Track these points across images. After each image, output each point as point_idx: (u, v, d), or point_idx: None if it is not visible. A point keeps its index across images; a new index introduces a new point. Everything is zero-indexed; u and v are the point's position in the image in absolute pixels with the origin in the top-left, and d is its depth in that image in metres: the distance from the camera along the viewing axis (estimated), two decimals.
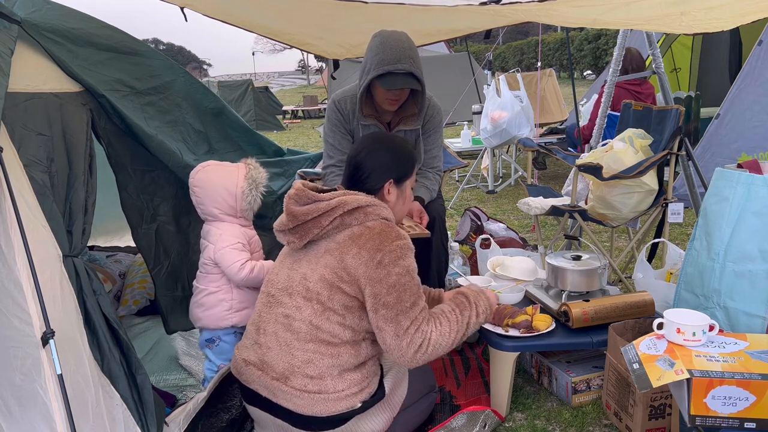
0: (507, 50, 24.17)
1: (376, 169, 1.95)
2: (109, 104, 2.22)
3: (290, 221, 1.87)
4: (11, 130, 1.75)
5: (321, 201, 1.84)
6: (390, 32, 2.58)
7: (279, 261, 2.00)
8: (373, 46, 2.57)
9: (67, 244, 1.75)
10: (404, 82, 2.51)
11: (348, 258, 1.78)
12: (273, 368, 1.84)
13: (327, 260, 1.81)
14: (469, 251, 3.24)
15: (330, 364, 1.81)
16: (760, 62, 4.64)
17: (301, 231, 1.86)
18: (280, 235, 1.92)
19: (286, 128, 13.61)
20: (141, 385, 1.75)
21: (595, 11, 2.30)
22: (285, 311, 1.85)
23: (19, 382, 1.52)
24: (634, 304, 2.25)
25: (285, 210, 1.89)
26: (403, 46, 2.52)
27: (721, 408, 1.58)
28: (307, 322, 1.81)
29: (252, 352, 1.91)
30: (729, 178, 2.10)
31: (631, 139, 2.95)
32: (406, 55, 2.50)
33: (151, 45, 3.23)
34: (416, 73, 2.51)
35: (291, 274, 1.89)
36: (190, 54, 65.89)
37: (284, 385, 1.81)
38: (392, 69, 2.47)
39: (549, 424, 2.18)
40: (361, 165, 1.96)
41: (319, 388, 1.80)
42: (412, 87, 2.56)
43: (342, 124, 2.75)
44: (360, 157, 1.97)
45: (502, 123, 5.37)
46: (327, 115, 2.81)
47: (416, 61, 2.53)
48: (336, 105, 2.74)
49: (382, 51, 2.51)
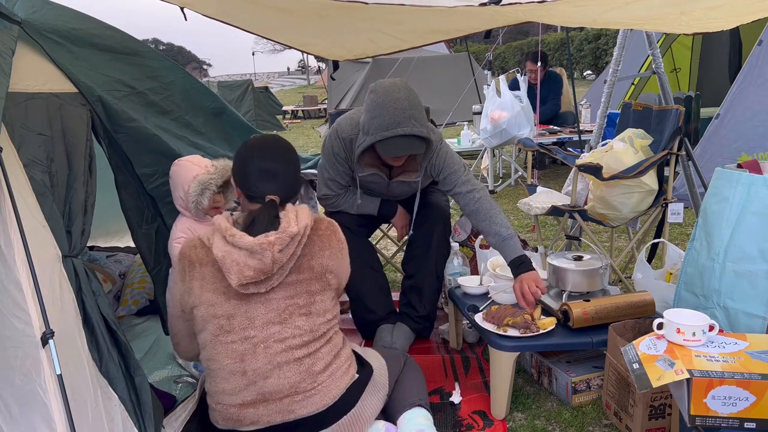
0: (507, 50, 24.15)
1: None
2: (108, 104, 2.22)
3: (262, 273, 1.74)
4: (11, 130, 1.75)
5: (292, 233, 1.78)
6: (387, 88, 2.43)
7: (223, 300, 1.80)
8: (370, 105, 2.43)
9: (66, 244, 1.75)
10: (406, 147, 2.41)
11: (324, 260, 1.87)
12: (280, 390, 1.79)
13: (307, 274, 1.84)
14: (470, 253, 3.24)
15: (328, 351, 1.86)
16: (760, 62, 4.63)
17: (277, 274, 1.78)
18: (242, 289, 1.76)
19: (286, 128, 13.61)
20: (139, 386, 1.75)
21: (595, 11, 2.30)
22: (279, 337, 1.80)
23: (19, 383, 1.52)
24: (635, 304, 2.25)
25: (251, 266, 1.74)
26: (403, 106, 2.37)
27: (721, 408, 1.58)
28: (307, 331, 1.82)
29: (247, 393, 1.79)
30: (729, 178, 2.10)
31: (631, 139, 2.95)
32: (407, 115, 2.36)
33: (151, 45, 3.23)
34: (419, 132, 2.39)
35: (270, 306, 1.80)
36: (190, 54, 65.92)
37: (297, 394, 1.79)
38: (391, 134, 2.36)
39: (549, 424, 2.18)
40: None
41: (329, 372, 1.83)
42: (416, 152, 2.45)
43: (345, 159, 2.65)
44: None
45: (502, 123, 5.36)
46: (330, 144, 2.66)
47: (418, 118, 2.39)
48: (341, 140, 2.62)
49: (380, 114, 2.38)
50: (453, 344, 2.79)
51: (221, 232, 1.79)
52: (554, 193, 3.40)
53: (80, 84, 2.14)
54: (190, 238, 1.93)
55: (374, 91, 2.45)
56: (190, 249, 1.87)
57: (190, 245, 1.88)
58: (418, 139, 2.42)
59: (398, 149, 2.41)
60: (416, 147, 2.43)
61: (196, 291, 1.82)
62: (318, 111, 15.80)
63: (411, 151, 2.45)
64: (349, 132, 2.61)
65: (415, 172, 2.64)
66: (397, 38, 3.26)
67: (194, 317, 1.85)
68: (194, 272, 1.83)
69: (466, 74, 9.31)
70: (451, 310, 2.76)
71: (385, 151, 2.43)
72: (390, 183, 2.71)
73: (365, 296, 2.76)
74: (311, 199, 3.34)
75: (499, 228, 2.47)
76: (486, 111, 5.54)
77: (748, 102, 4.61)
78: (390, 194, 2.79)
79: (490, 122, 5.45)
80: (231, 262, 1.74)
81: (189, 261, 1.85)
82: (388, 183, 2.71)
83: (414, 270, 2.79)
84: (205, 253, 1.83)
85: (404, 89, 2.43)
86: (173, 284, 1.92)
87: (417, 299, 2.76)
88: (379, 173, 2.65)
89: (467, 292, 2.61)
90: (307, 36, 3.38)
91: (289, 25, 3.14)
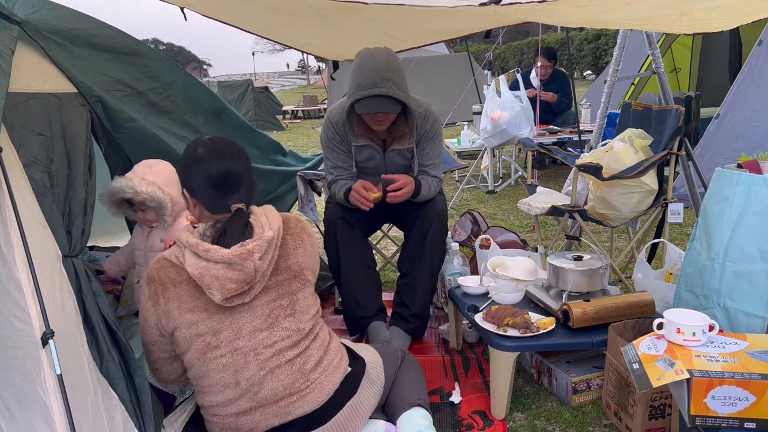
0: (507, 50, 24.16)
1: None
2: (108, 104, 2.22)
3: (245, 283, 1.70)
4: (11, 130, 1.75)
5: (269, 238, 1.75)
6: (370, 52, 2.54)
7: (206, 317, 1.75)
8: (353, 68, 2.54)
9: (66, 244, 1.74)
10: (378, 105, 2.48)
11: (299, 258, 1.85)
12: (275, 394, 1.77)
13: (286, 275, 1.81)
14: (470, 253, 3.24)
15: (317, 346, 1.85)
16: (760, 62, 4.63)
17: (260, 281, 1.74)
18: (226, 302, 1.71)
19: (286, 128, 13.61)
20: (139, 386, 1.74)
21: (595, 11, 2.30)
22: (268, 342, 1.77)
23: (19, 383, 1.52)
24: (635, 304, 2.25)
25: (234, 279, 1.69)
26: (380, 68, 2.47)
27: (721, 408, 1.58)
28: (295, 331, 1.81)
29: (242, 402, 1.76)
30: (729, 178, 2.10)
31: (631, 139, 2.94)
32: (383, 77, 2.45)
33: (151, 45, 3.23)
34: (394, 94, 2.46)
35: (255, 313, 1.76)
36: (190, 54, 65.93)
37: (292, 395, 1.78)
38: (368, 93, 2.45)
39: (549, 424, 2.18)
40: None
41: (321, 369, 1.82)
42: (388, 110, 2.52)
43: (341, 143, 2.74)
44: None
45: (502, 123, 5.36)
46: (324, 133, 2.78)
47: (396, 82, 2.48)
48: (332, 124, 2.72)
49: (359, 75, 2.48)
50: (453, 344, 2.79)
51: (191, 248, 1.70)
52: (554, 193, 3.40)
53: (80, 84, 2.14)
54: (154, 261, 1.81)
55: (358, 54, 2.56)
56: (158, 271, 1.77)
57: (157, 267, 1.78)
58: (393, 101, 2.49)
59: (371, 107, 2.49)
60: (389, 106, 2.50)
61: (174, 313, 1.74)
62: (318, 111, 15.80)
63: (383, 110, 2.51)
64: (339, 116, 2.70)
65: (406, 137, 2.67)
66: (397, 38, 3.26)
67: (176, 339, 1.78)
68: (168, 294, 1.75)
69: (466, 74, 9.31)
70: (451, 310, 2.76)
71: (359, 109, 2.51)
72: (386, 155, 2.75)
73: (357, 293, 2.77)
74: (310, 201, 3.34)
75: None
76: (486, 111, 5.54)
77: (748, 102, 4.61)
78: (388, 170, 2.81)
79: (490, 122, 5.45)
80: (210, 277, 1.67)
81: (160, 283, 1.76)
82: (384, 155, 2.75)
83: (408, 269, 2.79)
84: (177, 272, 1.75)
85: (386, 54, 2.54)
86: (144, 311, 1.81)
87: (410, 298, 2.77)
88: (372, 145, 2.70)
89: (467, 292, 2.61)
90: (307, 36, 3.39)
91: (289, 25, 3.14)
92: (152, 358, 1.89)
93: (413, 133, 2.69)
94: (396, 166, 2.79)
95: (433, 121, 2.76)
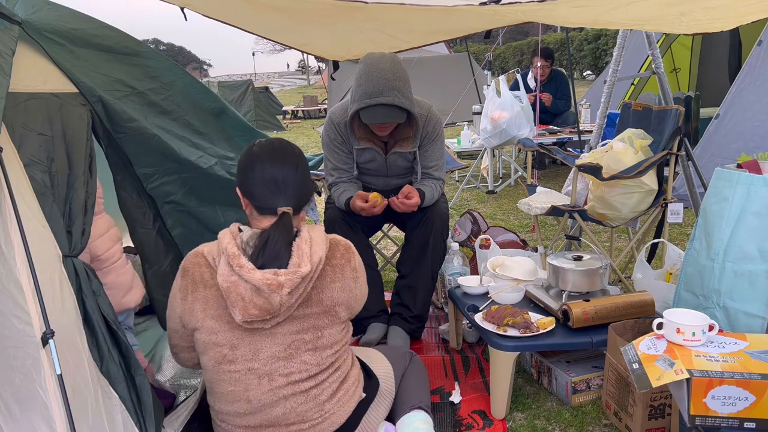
0: (507, 50, 24.15)
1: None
2: (109, 105, 2.22)
3: (268, 313, 1.64)
4: (11, 130, 1.75)
5: (303, 274, 1.66)
6: (376, 59, 2.52)
7: (227, 329, 1.72)
8: (358, 74, 2.52)
9: (66, 244, 1.74)
10: (384, 115, 2.47)
11: (335, 293, 1.77)
12: (287, 418, 1.74)
13: (316, 309, 1.74)
14: (470, 253, 3.24)
15: (336, 379, 1.80)
16: (759, 62, 4.64)
17: (284, 312, 1.68)
18: (246, 324, 1.68)
19: (287, 128, 13.61)
20: (139, 386, 1.74)
21: (595, 11, 2.30)
22: (284, 371, 1.73)
23: (19, 382, 1.52)
24: (635, 304, 2.25)
25: (258, 304, 1.63)
26: (387, 76, 2.45)
27: (721, 408, 1.58)
28: (314, 365, 1.75)
29: (252, 418, 1.75)
30: (729, 178, 2.10)
31: (631, 139, 2.95)
32: (389, 86, 2.44)
33: (151, 45, 3.23)
34: (400, 103, 2.45)
35: (276, 340, 1.72)
36: (190, 54, 65.89)
37: (304, 422, 1.75)
38: (373, 102, 2.44)
39: (549, 424, 2.18)
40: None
41: (336, 399, 1.79)
42: (394, 120, 2.51)
43: (342, 143, 2.73)
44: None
45: (502, 123, 5.36)
46: (326, 133, 2.77)
47: (402, 90, 2.47)
48: (334, 125, 2.71)
49: (365, 82, 2.47)
50: (453, 344, 2.79)
51: (228, 258, 1.66)
52: (554, 193, 3.40)
53: (80, 84, 2.14)
54: (194, 253, 1.79)
55: (363, 61, 2.55)
56: (194, 267, 1.75)
57: (194, 262, 1.76)
58: (398, 110, 2.48)
59: (377, 117, 2.48)
60: (395, 116, 2.50)
61: (198, 314, 1.73)
62: (318, 111, 15.80)
63: (389, 120, 2.51)
64: (341, 117, 2.69)
65: (409, 140, 2.66)
66: (397, 38, 3.26)
67: (195, 338, 1.78)
68: (197, 293, 1.73)
69: (466, 74, 9.32)
70: (451, 310, 2.76)
71: (365, 117, 2.50)
72: (387, 157, 2.75)
73: None
74: (311, 201, 3.34)
75: (421, 185, 2.72)
76: (486, 111, 5.54)
77: (748, 102, 4.61)
78: (389, 172, 2.80)
79: (490, 122, 5.45)
80: (236, 296, 1.63)
81: (192, 280, 1.74)
82: (385, 158, 2.75)
83: (409, 270, 2.79)
84: (210, 275, 1.72)
85: (391, 61, 2.52)
86: (173, 299, 1.81)
87: (410, 299, 2.76)
88: (374, 147, 2.69)
89: (467, 292, 2.62)
90: (307, 36, 3.39)
91: (289, 25, 3.15)
92: (173, 342, 1.89)
93: (416, 137, 2.69)
94: (397, 168, 2.79)
95: (435, 123, 2.76)
